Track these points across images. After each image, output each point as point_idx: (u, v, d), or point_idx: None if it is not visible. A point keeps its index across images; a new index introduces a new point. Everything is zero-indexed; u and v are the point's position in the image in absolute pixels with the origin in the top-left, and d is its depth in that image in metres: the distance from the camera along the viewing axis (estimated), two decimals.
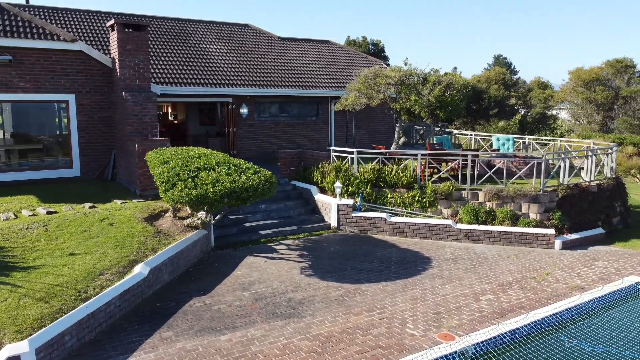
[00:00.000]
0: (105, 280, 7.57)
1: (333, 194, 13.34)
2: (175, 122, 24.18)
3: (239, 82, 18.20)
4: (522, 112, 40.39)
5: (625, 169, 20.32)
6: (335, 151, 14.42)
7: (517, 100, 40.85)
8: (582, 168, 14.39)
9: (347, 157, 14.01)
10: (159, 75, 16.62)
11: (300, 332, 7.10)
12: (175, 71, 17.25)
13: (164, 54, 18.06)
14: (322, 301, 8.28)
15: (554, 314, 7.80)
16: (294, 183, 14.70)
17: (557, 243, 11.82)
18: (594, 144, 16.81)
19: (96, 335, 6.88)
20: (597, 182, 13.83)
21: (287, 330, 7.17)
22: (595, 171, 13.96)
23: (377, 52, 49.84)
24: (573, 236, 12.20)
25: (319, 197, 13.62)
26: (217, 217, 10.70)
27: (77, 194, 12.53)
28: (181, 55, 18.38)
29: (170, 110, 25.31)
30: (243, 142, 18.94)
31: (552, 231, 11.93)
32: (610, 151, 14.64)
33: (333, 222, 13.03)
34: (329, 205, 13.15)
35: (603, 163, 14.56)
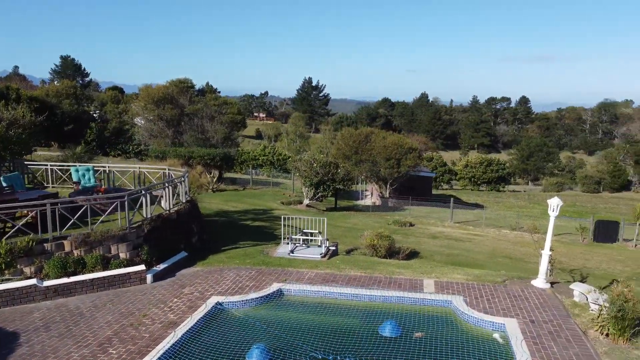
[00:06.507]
0: None
1: None
2: None
3: None
4: (100, 126, 40.12)
5: (198, 185, 23.35)
6: None
7: (94, 113, 40.29)
8: (162, 196, 15.63)
9: None
10: None
11: None
12: None
13: None
14: None
15: None
16: None
17: (149, 277, 12.54)
18: (169, 169, 18.47)
19: None
20: (176, 208, 15.35)
21: None
22: (173, 199, 15.42)
23: None
24: (162, 266, 13.19)
25: None
26: None
27: None
28: None
29: None
30: None
31: (142, 267, 12.56)
32: (183, 179, 16.46)
33: None
34: None
35: (179, 190, 16.22)
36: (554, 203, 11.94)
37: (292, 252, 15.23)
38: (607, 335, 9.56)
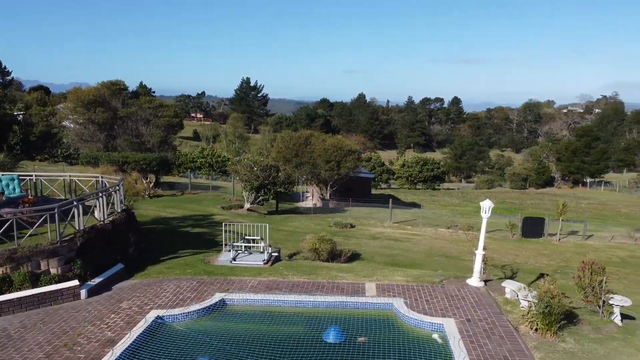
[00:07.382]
0: None
1: None
2: None
3: None
4: (25, 129, 37.83)
5: (135, 193, 22.52)
6: None
7: (17, 116, 38.01)
8: (96, 206, 14.97)
9: None
10: None
11: None
12: None
13: None
14: None
15: None
16: None
17: (83, 293, 11.98)
18: (102, 177, 17.69)
19: None
20: (111, 218, 14.75)
21: None
22: (107, 208, 14.79)
23: None
24: (97, 280, 12.62)
25: None
26: None
27: None
28: None
29: None
30: None
31: (75, 282, 11.97)
32: (118, 187, 15.83)
33: None
34: None
35: (114, 199, 15.59)
36: (486, 205, 12.55)
37: (234, 260, 15.05)
38: (536, 330, 10.17)
